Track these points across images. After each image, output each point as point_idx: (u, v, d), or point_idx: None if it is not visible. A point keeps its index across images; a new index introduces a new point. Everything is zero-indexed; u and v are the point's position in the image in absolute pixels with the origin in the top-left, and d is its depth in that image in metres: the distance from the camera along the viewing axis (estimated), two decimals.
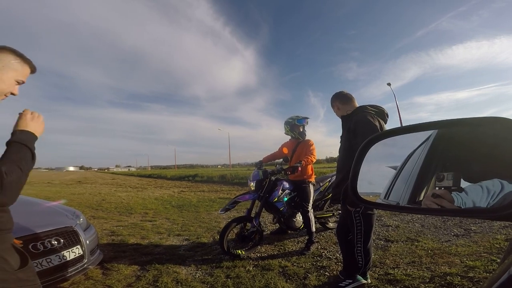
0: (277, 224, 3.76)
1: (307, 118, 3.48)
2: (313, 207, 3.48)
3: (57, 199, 8.33)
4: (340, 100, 2.25)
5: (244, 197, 3.29)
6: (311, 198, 3.29)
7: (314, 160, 3.36)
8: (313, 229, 3.22)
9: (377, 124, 1.97)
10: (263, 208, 3.30)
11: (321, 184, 3.68)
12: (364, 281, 2.17)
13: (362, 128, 1.93)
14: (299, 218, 3.39)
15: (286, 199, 3.33)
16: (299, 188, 3.37)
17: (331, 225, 3.87)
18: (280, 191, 3.30)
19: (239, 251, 2.98)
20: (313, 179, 3.44)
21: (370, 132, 1.87)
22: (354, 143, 1.96)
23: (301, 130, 3.47)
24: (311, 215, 3.26)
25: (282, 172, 3.36)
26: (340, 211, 3.73)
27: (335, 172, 3.87)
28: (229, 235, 3.01)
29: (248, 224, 3.15)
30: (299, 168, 3.18)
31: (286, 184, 3.40)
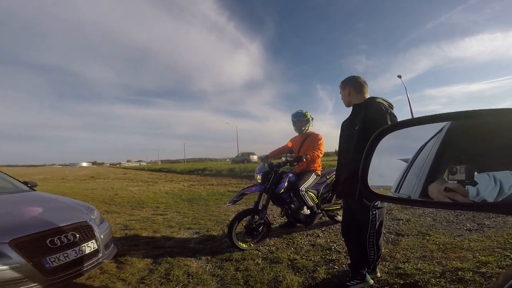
0: (285, 218, 3.76)
1: (301, 111, 3.53)
2: (321, 200, 3.49)
3: (72, 194, 8.57)
4: (355, 86, 2.10)
5: (251, 189, 3.32)
6: (307, 182, 3.33)
7: (321, 155, 3.40)
8: (310, 204, 3.26)
9: (392, 117, 1.87)
10: (270, 201, 3.34)
11: (327, 177, 3.63)
12: (372, 282, 2.12)
13: (384, 116, 1.83)
14: (306, 210, 3.36)
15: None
16: (300, 175, 3.43)
17: (340, 218, 3.78)
18: (286, 183, 3.30)
19: (248, 244, 3.05)
20: (318, 170, 3.48)
21: (384, 120, 1.81)
22: (366, 133, 1.85)
23: (298, 124, 3.54)
24: (304, 193, 3.25)
25: (288, 164, 3.38)
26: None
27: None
28: (238, 228, 3.06)
29: (256, 217, 3.17)
30: (304, 160, 3.20)
31: (293, 177, 3.41)
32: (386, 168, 0.76)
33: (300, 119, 3.54)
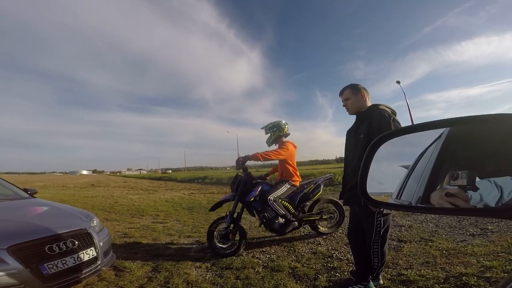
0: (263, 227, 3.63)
1: (269, 124, 3.58)
2: (298, 209, 3.50)
3: (72, 202, 8.54)
4: (366, 92, 2.11)
5: (226, 198, 3.47)
6: (278, 192, 3.31)
7: (273, 156, 3.34)
8: (281, 212, 3.24)
9: (396, 123, 1.90)
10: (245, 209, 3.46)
11: (305, 187, 3.61)
12: (382, 282, 2.14)
13: (388, 123, 1.85)
14: (281, 219, 3.34)
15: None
16: (274, 185, 3.46)
17: (323, 229, 3.69)
18: (258, 192, 3.33)
19: (228, 250, 3.16)
20: (294, 181, 3.46)
21: (390, 127, 1.82)
22: (370, 139, 1.83)
23: (269, 137, 3.57)
24: (272, 202, 3.22)
25: (239, 167, 3.42)
26: (330, 214, 3.70)
27: (324, 176, 3.82)
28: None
29: (231, 225, 3.24)
30: (248, 156, 3.26)
31: (266, 186, 3.43)
32: (386, 175, 0.75)
33: (271, 132, 3.57)
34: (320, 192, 3.59)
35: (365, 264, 2.11)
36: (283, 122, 3.59)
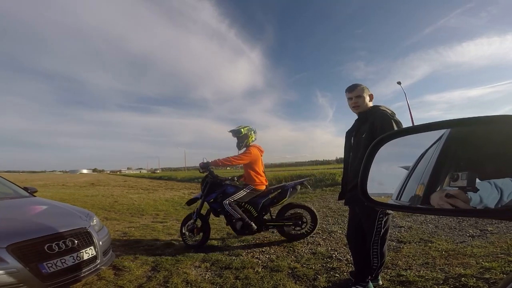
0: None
1: (237, 128, 3.66)
2: (262, 213, 3.55)
3: (72, 201, 8.54)
4: (370, 94, 2.12)
5: (196, 196, 3.81)
6: (236, 196, 3.47)
7: (234, 162, 3.50)
8: (237, 216, 3.38)
9: (398, 124, 1.92)
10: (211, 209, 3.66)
11: (272, 191, 3.65)
12: (381, 282, 2.15)
13: (391, 123, 1.87)
14: (239, 222, 3.45)
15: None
16: (236, 188, 3.59)
17: (293, 232, 3.61)
18: (220, 194, 3.52)
19: (191, 241, 3.56)
20: (256, 185, 3.55)
21: (393, 127, 1.86)
22: (372, 139, 1.90)
23: (237, 141, 3.69)
24: (227, 205, 3.40)
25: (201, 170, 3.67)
26: (299, 219, 3.58)
27: (295, 181, 3.79)
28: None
29: (199, 220, 3.58)
30: (209, 162, 3.54)
31: (231, 189, 3.54)
32: (386, 176, 0.76)
33: (237, 136, 3.66)
34: (286, 198, 3.55)
35: (364, 265, 2.11)
36: (249, 127, 3.69)
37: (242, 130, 3.61)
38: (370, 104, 2.11)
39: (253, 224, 3.41)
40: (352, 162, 2.11)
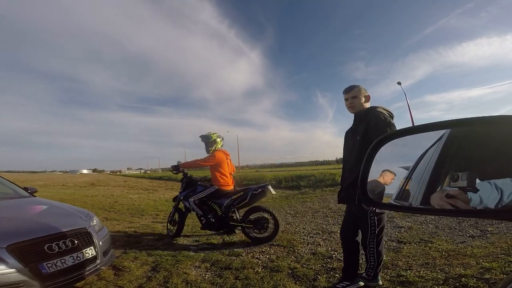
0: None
1: (207, 134, 4.08)
2: (225, 213, 3.71)
3: (72, 201, 8.54)
4: (366, 95, 2.15)
5: (178, 195, 4.18)
6: (198, 195, 3.84)
7: (200, 164, 3.97)
8: (200, 213, 3.80)
9: (392, 126, 1.96)
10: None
11: (236, 193, 3.80)
12: (362, 284, 2.17)
13: (384, 126, 1.91)
14: (204, 219, 3.81)
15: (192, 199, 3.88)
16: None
17: (258, 235, 3.62)
18: (190, 193, 3.93)
19: (171, 230, 4.05)
20: (221, 185, 3.86)
21: (386, 128, 1.90)
22: (367, 140, 1.95)
23: (206, 146, 4.05)
24: (191, 203, 3.82)
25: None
26: (260, 223, 3.61)
27: (258, 185, 3.83)
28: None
29: (176, 214, 4.07)
30: (180, 164, 4.04)
31: (200, 188, 3.92)
32: None
33: (206, 142, 4.03)
34: (246, 201, 3.65)
35: (353, 263, 2.19)
36: (217, 134, 4.09)
37: (212, 136, 4.02)
38: (367, 105, 2.15)
39: (214, 222, 3.73)
40: (348, 161, 2.17)
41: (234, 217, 3.74)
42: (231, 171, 4.02)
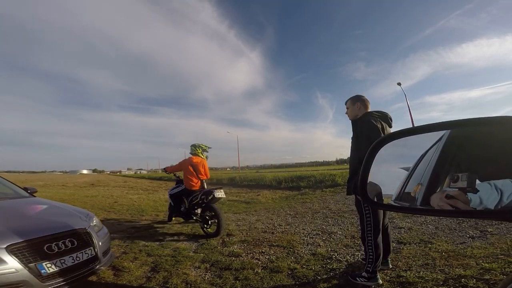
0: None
1: (192, 145, 4.90)
2: (194, 207, 4.39)
3: (71, 201, 8.53)
4: (363, 103, 2.43)
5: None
6: (173, 190, 4.91)
7: (169, 169, 4.97)
8: (172, 204, 4.87)
9: (379, 125, 2.18)
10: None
11: (198, 192, 4.37)
12: (380, 282, 2.20)
13: (363, 128, 2.21)
14: (182, 209, 4.62)
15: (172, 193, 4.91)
16: None
17: (209, 231, 4.13)
18: (174, 189, 4.93)
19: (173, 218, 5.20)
20: (189, 185, 4.62)
21: (369, 131, 2.15)
22: (357, 142, 2.27)
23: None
24: (169, 195, 4.97)
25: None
26: (205, 220, 4.16)
27: (210, 188, 4.45)
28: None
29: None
30: (167, 167, 5.05)
31: (176, 186, 4.96)
32: (386, 176, 0.76)
33: (190, 151, 4.93)
34: (197, 200, 4.26)
35: (367, 256, 2.25)
36: (197, 144, 4.85)
37: (194, 148, 4.83)
38: (361, 111, 2.41)
39: (183, 212, 4.58)
40: (351, 162, 2.45)
41: (195, 212, 4.39)
42: (200, 175, 4.70)
